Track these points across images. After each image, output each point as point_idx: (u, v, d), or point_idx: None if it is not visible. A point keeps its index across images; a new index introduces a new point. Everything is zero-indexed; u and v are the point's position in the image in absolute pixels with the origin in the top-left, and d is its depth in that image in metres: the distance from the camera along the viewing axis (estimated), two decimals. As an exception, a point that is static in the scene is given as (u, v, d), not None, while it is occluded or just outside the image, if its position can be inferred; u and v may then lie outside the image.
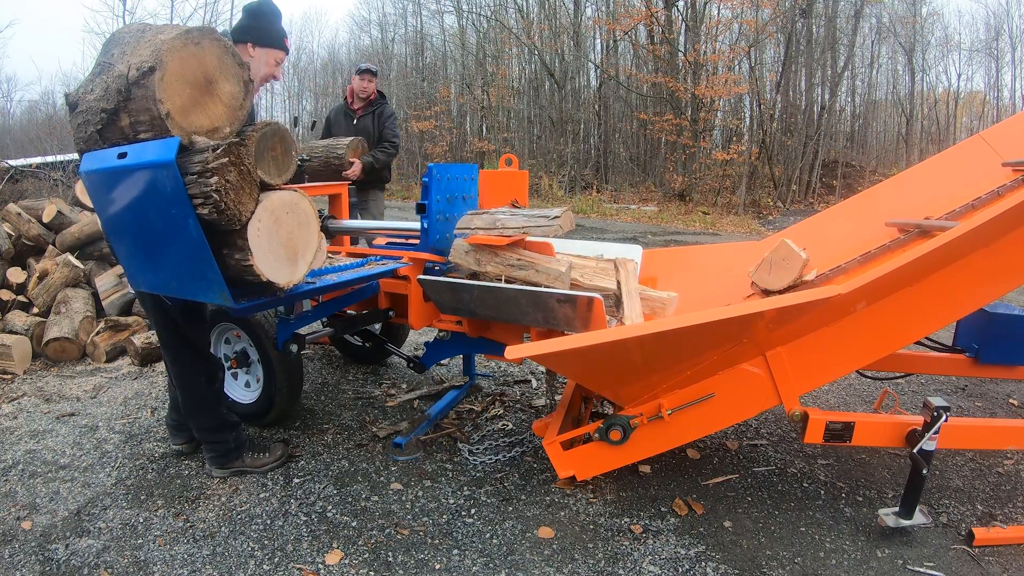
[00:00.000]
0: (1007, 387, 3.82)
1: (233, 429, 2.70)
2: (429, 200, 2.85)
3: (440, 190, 2.88)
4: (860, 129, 20.08)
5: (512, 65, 21.12)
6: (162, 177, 2.02)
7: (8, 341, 3.91)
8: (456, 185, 2.99)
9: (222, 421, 2.67)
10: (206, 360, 2.65)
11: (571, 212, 2.66)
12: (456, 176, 2.98)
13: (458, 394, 3.48)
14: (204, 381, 2.62)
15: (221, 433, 2.66)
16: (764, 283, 2.47)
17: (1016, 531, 2.30)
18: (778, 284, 2.43)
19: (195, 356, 2.60)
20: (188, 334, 2.57)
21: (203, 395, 2.62)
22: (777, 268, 2.44)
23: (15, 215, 4.82)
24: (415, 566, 2.13)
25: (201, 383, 2.61)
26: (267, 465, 2.73)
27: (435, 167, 2.86)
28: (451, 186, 2.95)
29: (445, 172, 2.90)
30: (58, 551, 2.21)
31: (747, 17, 16.05)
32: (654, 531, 2.33)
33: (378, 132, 4.92)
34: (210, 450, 2.68)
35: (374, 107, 4.97)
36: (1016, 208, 2.08)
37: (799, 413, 2.31)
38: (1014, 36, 19.40)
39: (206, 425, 2.65)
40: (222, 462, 2.68)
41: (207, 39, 2.15)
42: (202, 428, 2.66)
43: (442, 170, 2.88)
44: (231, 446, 2.68)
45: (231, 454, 2.68)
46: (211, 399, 2.65)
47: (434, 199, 2.86)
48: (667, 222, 13.09)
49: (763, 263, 2.49)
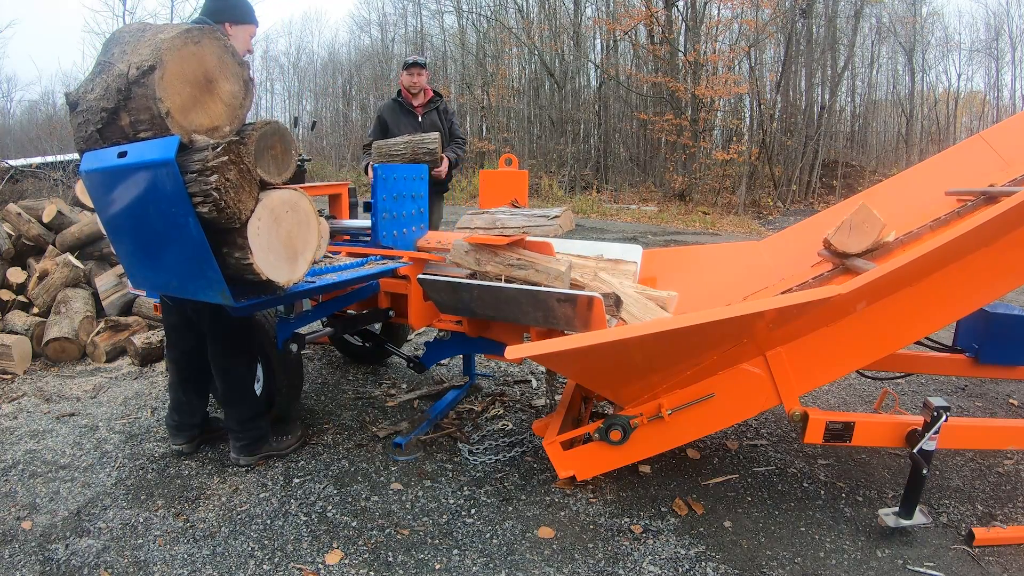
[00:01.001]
0: (1007, 387, 3.81)
1: (264, 417, 2.83)
2: (375, 199, 3.00)
3: (386, 189, 3.02)
4: (860, 129, 20.07)
5: (512, 65, 21.12)
6: (162, 176, 2.02)
7: (8, 341, 3.91)
8: (404, 184, 3.13)
9: (258, 409, 2.79)
10: (249, 349, 2.77)
11: (571, 212, 2.66)
12: (404, 176, 3.13)
13: (458, 394, 3.48)
14: (245, 370, 2.74)
15: (255, 421, 2.76)
16: (843, 245, 2.53)
17: (1016, 531, 2.29)
18: (857, 246, 2.51)
19: (241, 344, 2.72)
20: (234, 321, 2.65)
21: (244, 383, 2.75)
22: (857, 230, 2.50)
23: (15, 215, 4.82)
24: (415, 566, 2.13)
25: (243, 373, 2.73)
26: (290, 447, 2.87)
27: (380, 168, 3.00)
28: (398, 185, 3.09)
29: (392, 172, 3.05)
30: (58, 551, 2.20)
31: (747, 17, 16.04)
32: (654, 531, 2.33)
33: (446, 129, 4.66)
34: (243, 438, 2.75)
35: (435, 103, 4.67)
36: (1016, 209, 2.08)
37: (799, 413, 2.31)
38: (1014, 36, 19.40)
39: (245, 414, 2.74)
40: (252, 449, 2.77)
41: (207, 38, 2.15)
42: (241, 417, 2.74)
43: (388, 170, 3.03)
44: (263, 432, 2.79)
45: (262, 440, 2.79)
46: (251, 387, 2.79)
47: (380, 198, 3.00)
48: (667, 222, 13.09)
49: (843, 226, 2.54)
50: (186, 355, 2.81)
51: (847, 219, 2.53)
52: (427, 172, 3.30)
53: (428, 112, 4.64)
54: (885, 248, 2.50)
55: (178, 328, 2.80)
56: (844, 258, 2.56)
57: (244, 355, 2.74)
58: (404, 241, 3.11)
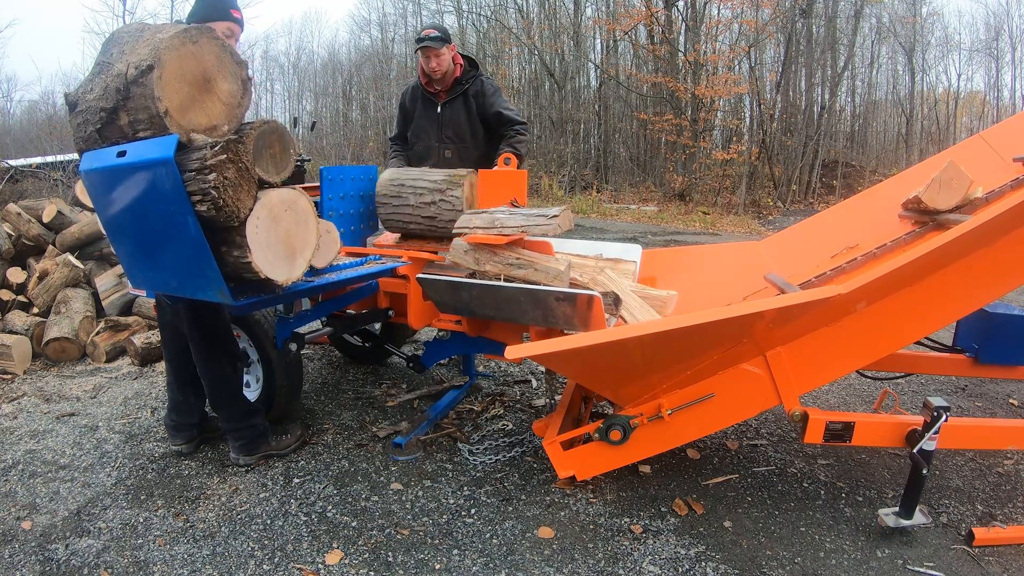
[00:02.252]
0: (1007, 387, 3.81)
1: (258, 415, 2.81)
2: (321, 199, 3.12)
3: (333, 190, 3.16)
4: (860, 129, 20.06)
5: (512, 65, 21.11)
6: (161, 174, 2.02)
7: (8, 341, 3.91)
8: (353, 185, 3.30)
9: (249, 408, 2.79)
10: (231, 351, 2.75)
11: (570, 211, 2.66)
12: (353, 177, 3.30)
13: (458, 394, 3.48)
14: (230, 371, 2.73)
15: (249, 420, 2.76)
16: (933, 202, 2.57)
17: (1016, 531, 2.29)
18: (947, 203, 2.56)
19: (222, 347, 2.70)
20: (212, 325, 2.64)
21: (230, 385, 2.73)
22: (946, 188, 2.55)
23: (15, 215, 4.82)
24: (415, 566, 2.13)
25: (227, 373, 2.72)
26: (290, 447, 2.86)
27: (326, 170, 3.14)
28: (346, 186, 3.25)
29: (339, 174, 3.21)
30: (58, 551, 2.20)
31: (747, 17, 16.04)
32: (654, 531, 2.32)
33: (479, 119, 3.58)
34: (239, 438, 2.75)
35: (464, 85, 3.55)
36: (1018, 207, 2.08)
37: (799, 413, 2.31)
38: (1014, 36, 19.39)
39: (236, 414, 2.73)
40: (251, 449, 2.76)
41: (205, 38, 2.15)
42: (232, 418, 2.74)
43: (335, 172, 3.19)
44: (259, 430, 2.78)
45: (259, 439, 2.78)
46: (237, 388, 2.78)
47: (326, 198, 3.13)
48: (667, 222, 13.08)
49: (932, 183, 2.57)
50: (181, 355, 2.79)
51: (936, 177, 2.57)
52: (376, 172, 3.35)
53: (452, 100, 3.57)
54: (973, 204, 2.54)
55: (172, 328, 2.79)
56: (934, 215, 2.61)
57: (225, 356, 2.71)
58: (353, 240, 3.32)
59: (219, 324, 2.67)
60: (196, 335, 2.64)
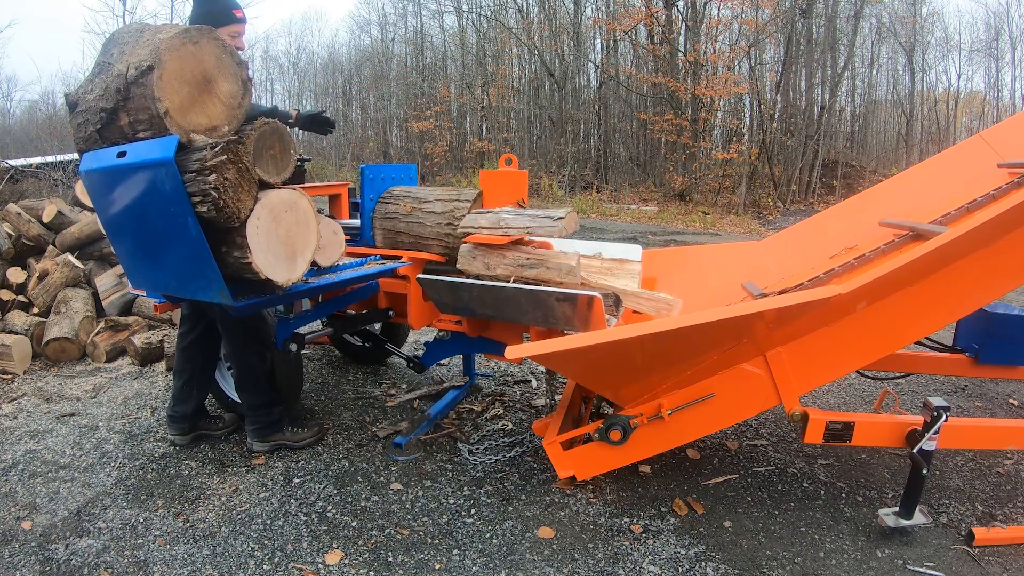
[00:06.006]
0: (1007, 387, 3.81)
1: (278, 404, 2.88)
2: (362, 199, 3.11)
3: (373, 190, 3.12)
4: (860, 129, 20.06)
5: (512, 65, 21.10)
6: (161, 175, 2.02)
7: (8, 341, 3.91)
8: (392, 185, 3.25)
9: (271, 395, 2.85)
10: (263, 339, 2.80)
11: (575, 213, 2.66)
12: (392, 176, 3.27)
13: (458, 394, 3.48)
14: (257, 362, 2.78)
15: (267, 408, 2.83)
16: None
17: (1016, 531, 2.29)
18: None
19: (255, 335, 2.75)
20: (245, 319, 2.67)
21: (255, 374, 2.79)
22: None
23: (15, 215, 4.82)
24: (415, 566, 2.13)
25: (254, 363, 2.77)
26: (304, 440, 2.90)
27: (367, 168, 3.10)
28: (387, 185, 3.20)
29: (378, 173, 3.16)
30: (58, 551, 2.20)
31: (747, 17, 16.02)
32: (654, 531, 2.33)
33: None
34: (255, 422, 2.81)
35: None
36: (1014, 209, 2.08)
37: (799, 413, 2.31)
38: (1014, 36, 19.37)
39: (258, 399, 2.80)
40: (265, 434, 2.83)
41: (205, 38, 2.16)
42: (253, 403, 2.82)
43: (375, 171, 3.14)
44: (275, 418, 2.86)
45: (274, 426, 2.84)
46: (263, 374, 2.82)
47: (367, 197, 3.10)
48: (667, 222, 13.08)
49: None
50: (193, 344, 2.87)
51: None
52: (415, 171, 3.39)
53: None
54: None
55: (189, 317, 2.88)
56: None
57: (255, 346, 2.77)
58: None
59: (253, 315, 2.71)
60: (227, 323, 2.69)
